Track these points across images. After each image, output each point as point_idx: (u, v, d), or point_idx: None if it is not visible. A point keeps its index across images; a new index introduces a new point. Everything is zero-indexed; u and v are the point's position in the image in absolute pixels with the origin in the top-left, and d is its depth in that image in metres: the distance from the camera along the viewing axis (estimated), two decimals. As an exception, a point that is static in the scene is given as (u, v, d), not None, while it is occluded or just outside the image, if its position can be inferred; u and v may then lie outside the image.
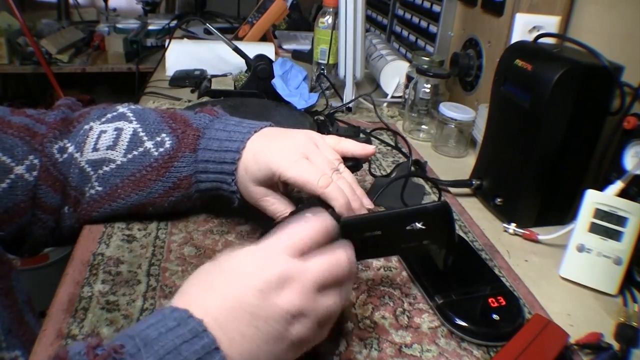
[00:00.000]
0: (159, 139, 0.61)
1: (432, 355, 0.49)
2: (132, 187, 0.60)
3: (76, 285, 0.53)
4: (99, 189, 0.60)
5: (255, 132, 0.60)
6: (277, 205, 0.58)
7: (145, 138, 0.61)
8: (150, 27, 2.27)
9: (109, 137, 0.60)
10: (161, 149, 0.60)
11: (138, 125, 0.61)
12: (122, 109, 0.63)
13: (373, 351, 0.49)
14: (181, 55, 1.26)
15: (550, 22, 0.84)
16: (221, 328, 0.36)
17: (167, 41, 1.25)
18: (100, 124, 0.61)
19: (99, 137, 0.60)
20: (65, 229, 0.62)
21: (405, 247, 0.52)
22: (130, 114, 0.62)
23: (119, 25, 2.40)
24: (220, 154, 0.59)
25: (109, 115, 0.62)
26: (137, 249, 0.60)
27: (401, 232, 0.51)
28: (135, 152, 0.60)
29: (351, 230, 0.51)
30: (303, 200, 0.65)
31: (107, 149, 0.60)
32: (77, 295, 0.52)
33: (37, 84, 2.58)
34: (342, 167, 0.59)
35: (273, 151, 0.57)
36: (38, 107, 0.63)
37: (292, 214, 0.54)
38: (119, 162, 0.60)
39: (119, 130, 0.61)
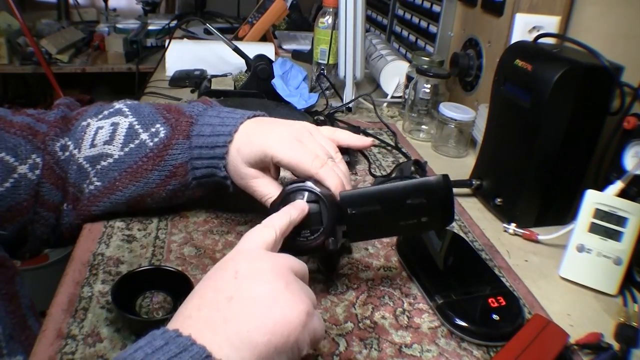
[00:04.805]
0: (153, 129, 0.61)
1: (432, 355, 0.49)
2: (130, 179, 0.60)
3: (76, 285, 0.53)
4: (98, 184, 0.60)
5: (249, 118, 0.60)
6: (266, 187, 0.57)
7: (140, 130, 0.61)
8: (150, 27, 2.27)
9: (106, 132, 0.61)
10: (156, 139, 0.61)
11: (134, 119, 0.62)
12: (118, 105, 0.64)
13: (373, 351, 0.49)
14: (181, 55, 1.26)
15: (550, 22, 0.84)
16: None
17: (167, 41, 1.25)
18: (97, 121, 0.62)
19: (96, 133, 0.61)
20: (64, 226, 0.63)
21: (404, 224, 0.51)
22: (126, 109, 0.63)
23: (119, 25, 2.40)
24: (213, 139, 0.59)
25: (105, 112, 0.63)
26: (137, 249, 0.60)
27: (401, 207, 0.50)
28: (131, 145, 0.61)
29: (350, 204, 0.50)
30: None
31: (104, 144, 0.60)
32: (77, 295, 0.52)
33: (37, 84, 2.58)
34: (338, 157, 0.58)
35: (267, 134, 0.57)
36: (38, 107, 0.64)
37: (280, 195, 0.53)
38: (116, 156, 0.60)
39: (115, 125, 0.61)
